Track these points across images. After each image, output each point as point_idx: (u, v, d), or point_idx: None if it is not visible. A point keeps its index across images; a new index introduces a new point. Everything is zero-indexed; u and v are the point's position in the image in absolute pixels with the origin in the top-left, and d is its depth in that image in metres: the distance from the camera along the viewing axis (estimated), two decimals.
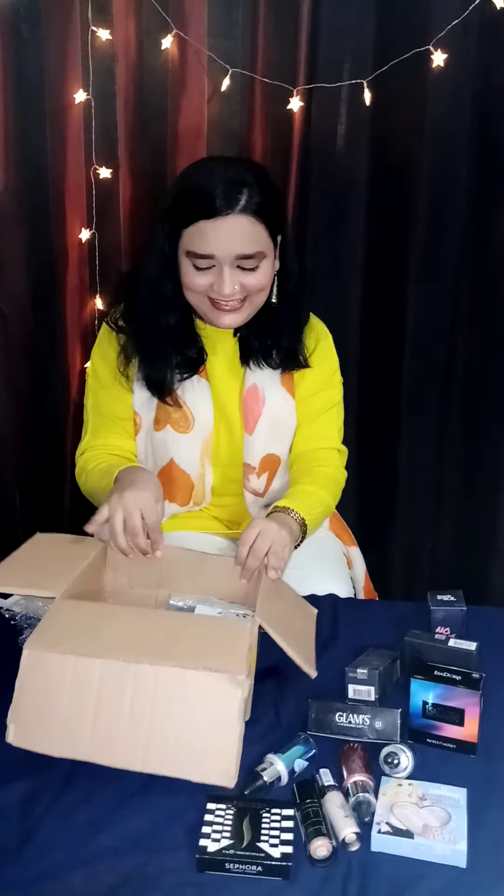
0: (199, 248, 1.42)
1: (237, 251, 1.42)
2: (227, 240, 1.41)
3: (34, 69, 2.02)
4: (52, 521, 2.26)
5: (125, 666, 1.08)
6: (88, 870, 0.97)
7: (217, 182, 1.41)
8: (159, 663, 1.08)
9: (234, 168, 1.47)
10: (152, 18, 1.98)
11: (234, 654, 1.10)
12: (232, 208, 1.40)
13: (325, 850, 0.99)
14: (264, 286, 1.48)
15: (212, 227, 1.40)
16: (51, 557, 1.35)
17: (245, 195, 1.40)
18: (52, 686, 1.08)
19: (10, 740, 1.08)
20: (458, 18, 1.87)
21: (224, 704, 1.06)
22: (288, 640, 1.21)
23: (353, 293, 2.11)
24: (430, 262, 2.06)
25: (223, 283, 1.43)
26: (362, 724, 1.18)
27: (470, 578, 2.17)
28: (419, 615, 1.41)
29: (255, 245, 1.43)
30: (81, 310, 2.20)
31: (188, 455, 1.60)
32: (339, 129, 2.02)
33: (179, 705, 1.06)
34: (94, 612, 1.22)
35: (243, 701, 1.07)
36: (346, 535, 1.78)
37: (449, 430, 2.17)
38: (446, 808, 1.05)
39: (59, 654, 1.09)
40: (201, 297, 1.47)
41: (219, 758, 1.05)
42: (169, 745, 1.06)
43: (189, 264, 1.44)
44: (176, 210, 1.44)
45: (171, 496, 1.63)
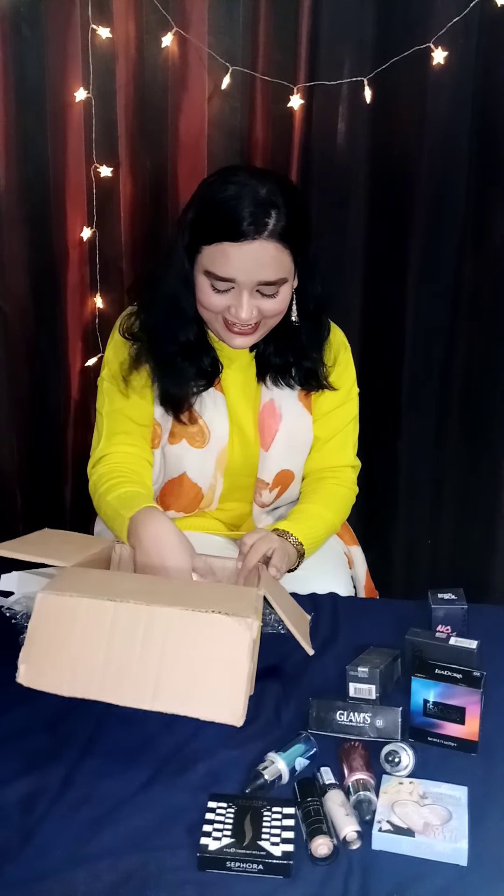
0: (220, 270, 1.37)
1: (260, 278, 1.37)
2: (251, 265, 1.36)
3: (34, 68, 2.01)
4: (53, 521, 2.25)
5: (137, 608, 1.10)
6: (89, 868, 0.97)
7: (245, 202, 1.34)
8: (171, 605, 1.10)
9: (264, 186, 1.38)
10: (152, 16, 1.98)
11: (244, 602, 1.13)
12: (259, 233, 1.34)
13: (326, 849, 0.99)
14: (281, 311, 1.45)
15: (236, 251, 1.35)
16: (60, 543, 1.37)
17: (273, 218, 1.35)
18: (64, 627, 1.10)
19: (20, 680, 1.09)
20: (458, 16, 1.87)
21: (234, 646, 1.08)
22: (289, 618, 1.23)
23: (353, 290, 2.11)
24: (430, 259, 2.06)
25: (241, 308, 1.39)
26: (363, 723, 1.18)
27: (471, 576, 2.17)
28: (420, 613, 1.41)
29: (279, 272, 1.38)
30: (82, 309, 2.19)
31: (202, 469, 1.58)
32: (340, 127, 2.01)
33: (190, 646, 1.08)
34: (106, 575, 1.26)
35: (253, 642, 1.08)
36: (348, 534, 1.78)
37: (449, 428, 2.17)
38: (447, 806, 1.05)
39: (73, 596, 1.11)
40: (216, 316, 1.44)
41: (227, 697, 1.07)
42: (178, 684, 1.07)
43: (207, 283, 1.40)
44: (199, 225, 1.39)
45: (179, 505, 1.63)
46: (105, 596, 1.11)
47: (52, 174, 2.07)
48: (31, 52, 2.00)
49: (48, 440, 2.26)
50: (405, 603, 1.56)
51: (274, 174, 1.49)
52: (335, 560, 1.67)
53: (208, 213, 1.38)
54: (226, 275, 1.37)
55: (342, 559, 1.70)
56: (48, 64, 2.01)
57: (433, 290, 2.08)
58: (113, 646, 1.08)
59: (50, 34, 1.99)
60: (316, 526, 1.52)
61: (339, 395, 1.60)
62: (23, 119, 2.03)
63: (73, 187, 2.10)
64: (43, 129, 2.04)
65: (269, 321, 1.45)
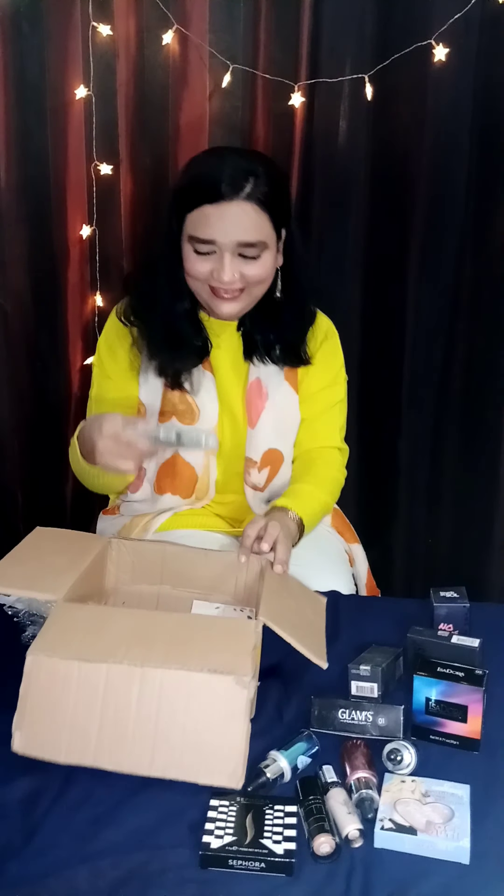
0: (201, 232, 1.41)
1: (239, 238, 1.41)
2: (230, 226, 1.40)
3: (35, 65, 2.01)
4: (54, 519, 2.25)
5: (130, 670, 1.07)
6: (92, 866, 0.97)
7: (225, 168, 1.41)
8: (164, 666, 1.07)
9: (244, 157, 1.47)
10: (153, 14, 1.97)
11: (240, 654, 1.10)
12: (237, 194, 1.39)
13: (329, 847, 0.99)
14: (264, 278, 1.48)
15: (215, 212, 1.40)
16: (52, 554, 1.34)
17: (251, 183, 1.40)
18: (57, 692, 1.08)
19: (15, 749, 1.08)
20: (459, 13, 1.87)
21: (230, 706, 1.06)
22: (295, 635, 1.20)
23: (353, 288, 2.11)
24: (430, 257, 2.06)
25: (223, 269, 1.42)
26: (365, 721, 1.18)
27: (473, 575, 2.17)
28: (422, 612, 1.41)
29: (258, 234, 1.42)
30: (83, 307, 2.20)
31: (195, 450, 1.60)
32: (341, 124, 2.01)
33: (185, 708, 1.06)
34: (97, 615, 1.21)
35: (249, 702, 1.07)
36: (349, 532, 1.78)
37: (450, 426, 2.17)
38: (449, 804, 1.05)
39: (64, 659, 1.09)
40: (202, 284, 1.47)
41: (226, 759, 1.06)
42: (175, 748, 1.06)
43: (191, 249, 1.44)
44: (182, 194, 1.44)
45: (174, 489, 1.64)
46: (97, 656, 1.08)
47: (52, 172, 2.07)
48: (32, 49, 2.00)
49: (49, 438, 2.26)
50: (407, 601, 1.56)
51: (257, 152, 1.56)
52: (336, 558, 1.67)
53: (190, 180, 1.44)
54: (206, 236, 1.41)
55: (343, 557, 1.70)
56: (48, 61, 2.01)
57: (433, 289, 2.08)
58: (107, 710, 1.06)
59: (50, 32, 1.99)
60: (311, 503, 1.53)
61: (326, 377, 1.62)
62: (23, 117, 2.03)
63: (73, 185, 2.10)
64: (43, 127, 2.04)
65: (253, 289, 1.48)
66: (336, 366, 1.65)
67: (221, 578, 1.41)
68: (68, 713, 1.07)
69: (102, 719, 1.06)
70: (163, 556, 1.42)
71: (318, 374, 1.62)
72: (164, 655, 1.09)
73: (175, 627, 1.17)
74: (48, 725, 1.08)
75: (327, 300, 1.97)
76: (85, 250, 2.15)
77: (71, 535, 1.44)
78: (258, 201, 1.41)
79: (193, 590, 1.40)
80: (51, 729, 1.07)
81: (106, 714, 1.06)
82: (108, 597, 1.43)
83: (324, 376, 1.63)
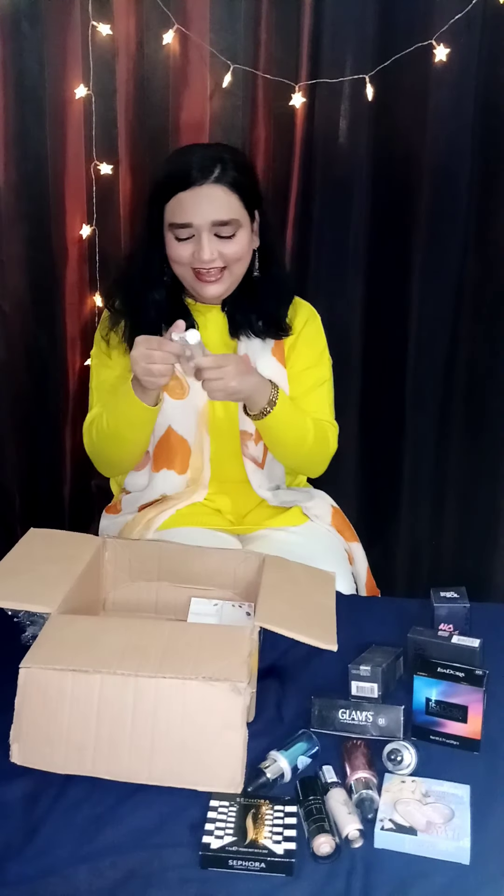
0: (178, 217, 1.52)
1: (212, 217, 1.51)
2: (203, 207, 1.51)
3: (34, 64, 2.00)
4: (52, 520, 2.25)
5: (124, 680, 1.07)
6: (92, 866, 0.97)
7: (194, 158, 1.54)
8: (159, 675, 1.07)
9: (211, 148, 1.64)
10: (153, 13, 1.97)
11: (235, 661, 1.10)
12: (206, 179, 1.51)
13: (329, 847, 0.99)
14: (241, 256, 1.57)
15: (188, 197, 1.51)
16: (46, 560, 1.34)
17: (219, 168, 1.52)
18: (52, 704, 1.08)
19: (14, 760, 1.08)
20: (460, 13, 1.87)
21: (227, 713, 1.06)
22: (298, 627, 1.19)
23: (355, 288, 2.11)
24: (432, 256, 2.06)
25: (202, 249, 1.52)
26: (365, 721, 1.18)
27: (473, 575, 2.17)
28: (422, 612, 1.41)
29: (230, 213, 1.53)
30: (81, 307, 2.19)
31: (185, 420, 1.65)
32: (342, 125, 2.01)
33: (181, 716, 1.06)
34: (91, 626, 1.21)
35: (246, 708, 1.07)
36: (348, 531, 1.78)
37: (452, 425, 2.17)
38: (450, 804, 1.05)
39: (57, 671, 1.09)
40: (186, 268, 1.56)
41: (224, 766, 1.06)
42: (173, 756, 1.06)
43: (171, 237, 1.55)
44: (158, 187, 1.56)
45: (171, 463, 1.68)
46: (91, 666, 1.08)
47: (51, 172, 2.07)
48: (31, 48, 2.00)
49: (47, 439, 2.25)
50: (407, 601, 1.56)
51: (223, 144, 1.76)
52: (336, 557, 1.67)
53: (165, 174, 1.56)
54: (183, 220, 1.52)
55: (343, 556, 1.70)
56: (48, 61, 2.00)
57: (435, 289, 2.08)
58: (103, 720, 1.07)
59: (50, 31, 1.99)
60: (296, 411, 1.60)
61: (311, 356, 1.70)
62: (22, 116, 2.03)
63: (72, 185, 2.09)
64: (43, 126, 2.04)
65: (233, 268, 1.57)
66: (320, 346, 1.73)
67: (219, 573, 1.41)
68: (64, 724, 1.07)
69: (98, 729, 1.07)
70: (159, 554, 1.42)
71: (303, 353, 1.69)
72: (158, 664, 1.09)
73: (169, 636, 1.16)
74: (45, 737, 1.08)
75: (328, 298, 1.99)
76: (84, 250, 2.15)
77: (65, 537, 1.44)
78: (227, 183, 1.52)
79: (191, 585, 1.40)
80: (47, 740, 1.08)
81: (102, 724, 1.07)
82: (105, 597, 1.43)
83: (309, 355, 1.70)
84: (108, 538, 1.44)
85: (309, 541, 1.66)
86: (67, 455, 2.25)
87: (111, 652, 1.11)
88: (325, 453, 1.69)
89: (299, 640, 1.18)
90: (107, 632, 1.19)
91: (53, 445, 2.26)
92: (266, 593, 1.26)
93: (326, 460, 1.71)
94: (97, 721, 1.07)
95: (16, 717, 1.09)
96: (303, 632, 1.18)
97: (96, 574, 1.41)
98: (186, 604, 1.35)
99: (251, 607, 1.31)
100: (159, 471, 1.69)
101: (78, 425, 2.22)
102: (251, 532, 1.70)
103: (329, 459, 1.71)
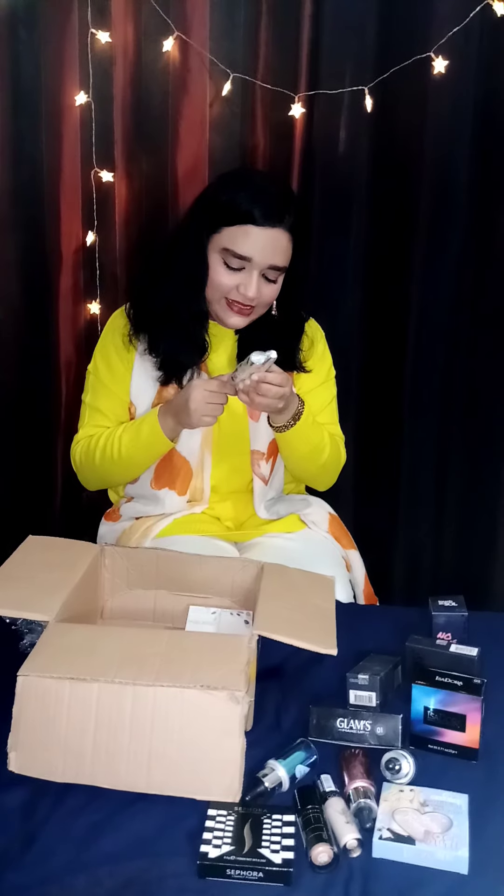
0: (241, 248, 1.52)
1: (272, 261, 1.54)
2: (268, 249, 1.52)
3: (31, 71, 2.00)
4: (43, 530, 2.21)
5: (123, 688, 1.07)
6: (90, 874, 0.97)
7: (271, 197, 1.54)
8: (157, 684, 1.07)
9: (284, 187, 1.69)
10: (152, 21, 1.97)
11: (232, 670, 1.10)
12: (280, 223, 1.52)
13: (327, 857, 0.99)
14: (273, 299, 1.60)
15: (258, 233, 1.51)
16: (43, 568, 1.34)
17: (290, 214, 1.54)
18: (50, 712, 1.08)
19: (11, 768, 1.08)
20: (459, 25, 1.88)
21: (224, 722, 1.06)
22: (296, 633, 1.19)
23: (355, 298, 2.11)
24: (432, 267, 2.06)
25: (250, 286, 1.53)
26: (363, 730, 1.18)
27: (471, 583, 2.16)
28: (420, 620, 1.41)
29: (286, 260, 1.56)
30: (76, 314, 2.17)
31: (188, 442, 1.65)
32: (341, 136, 2.01)
33: (179, 725, 1.06)
34: (88, 634, 1.21)
35: (243, 717, 1.07)
36: (346, 539, 1.78)
37: (451, 433, 2.17)
38: (448, 814, 1.05)
39: (55, 679, 1.09)
40: (220, 295, 1.57)
41: (221, 774, 1.06)
42: (171, 764, 1.06)
43: (220, 261, 1.54)
44: (225, 207, 1.53)
45: (172, 483, 1.68)
46: (88, 674, 1.09)
47: (47, 180, 2.06)
48: (28, 55, 2.00)
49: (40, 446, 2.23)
50: (406, 610, 1.57)
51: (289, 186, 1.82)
52: (333, 565, 1.67)
53: (235, 199, 1.53)
54: (245, 253, 1.52)
55: (340, 563, 1.70)
56: (44, 67, 2.00)
57: (435, 298, 2.08)
58: (100, 729, 1.07)
59: (47, 38, 1.98)
60: (316, 426, 1.63)
61: (318, 376, 1.72)
62: (18, 123, 2.03)
63: (68, 192, 2.08)
64: (40, 134, 2.04)
65: (260, 308, 1.60)
66: (327, 364, 1.75)
67: (217, 581, 1.41)
68: (62, 733, 1.07)
69: (96, 738, 1.07)
70: (157, 562, 1.42)
71: (310, 376, 1.70)
72: (156, 673, 1.09)
73: (167, 645, 1.16)
74: (43, 745, 1.08)
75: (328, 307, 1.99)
76: (79, 258, 2.13)
77: (63, 545, 1.44)
78: (291, 230, 1.55)
79: (189, 594, 1.40)
80: (45, 749, 1.08)
81: (99, 733, 1.07)
82: (103, 605, 1.43)
83: (318, 374, 1.72)
84: (106, 546, 1.44)
85: (306, 547, 1.66)
86: (59, 461, 2.23)
87: (109, 660, 1.11)
88: (337, 466, 1.72)
89: (298, 646, 1.18)
90: (104, 640, 1.19)
91: (45, 453, 2.23)
92: (264, 601, 1.26)
93: (337, 473, 1.74)
94: (95, 729, 1.07)
95: (13, 725, 1.08)
96: (301, 638, 1.18)
97: (94, 582, 1.41)
98: (185, 612, 1.36)
99: (249, 615, 1.31)
100: (161, 489, 1.69)
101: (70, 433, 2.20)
102: (249, 539, 1.70)
103: (339, 472, 1.74)
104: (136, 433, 1.60)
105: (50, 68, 2.01)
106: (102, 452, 1.63)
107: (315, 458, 1.65)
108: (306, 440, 1.61)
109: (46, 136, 2.04)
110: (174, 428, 1.56)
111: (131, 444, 1.60)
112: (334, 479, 1.75)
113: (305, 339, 1.70)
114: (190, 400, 1.48)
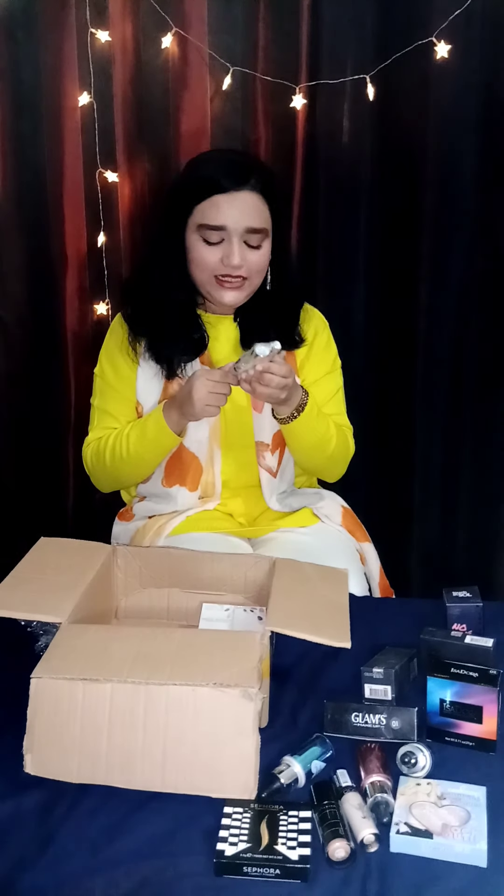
0: (213, 219, 1.53)
1: (247, 223, 1.53)
2: (239, 213, 1.53)
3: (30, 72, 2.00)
4: (54, 531, 2.22)
5: (136, 688, 1.07)
6: (107, 875, 0.97)
7: (231, 163, 1.57)
8: (170, 683, 1.07)
9: (242, 155, 1.72)
10: (150, 18, 1.97)
11: (245, 666, 1.10)
12: (244, 185, 1.53)
13: (344, 852, 0.98)
14: (263, 266, 1.59)
15: (225, 200, 1.52)
16: (56, 569, 1.34)
17: (254, 177, 1.54)
18: (64, 713, 1.08)
19: (28, 770, 1.08)
20: (460, 8, 1.86)
21: (238, 719, 1.06)
22: (310, 628, 1.19)
23: (359, 289, 2.10)
24: (437, 256, 2.05)
25: (233, 253, 1.53)
26: (379, 724, 1.17)
27: (486, 574, 2.16)
28: (435, 612, 1.40)
29: (262, 221, 1.55)
30: (83, 316, 2.17)
31: (196, 436, 1.65)
32: (344, 125, 2.00)
33: (193, 723, 1.06)
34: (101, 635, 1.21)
35: (257, 713, 1.06)
36: (360, 532, 1.77)
37: (463, 425, 2.15)
38: (466, 806, 1.04)
39: (68, 680, 1.09)
40: (207, 273, 1.57)
41: (237, 772, 1.06)
42: (186, 763, 1.06)
43: (199, 239, 1.55)
44: (190, 186, 1.55)
45: (183, 479, 1.68)
46: (101, 675, 1.08)
47: (50, 181, 2.06)
48: (27, 56, 1.99)
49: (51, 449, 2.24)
50: (420, 602, 1.56)
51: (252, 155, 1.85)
52: (348, 558, 1.66)
53: (198, 175, 1.56)
54: (217, 223, 1.53)
55: (355, 556, 1.70)
56: (45, 69, 2.00)
57: (442, 288, 2.07)
58: (114, 728, 1.07)
59: (46, 39, 1.99)
60: (322, 416, 1.62)
61: (324, 365, 1.71)
62: (19, 124, 2.03)
63: (71, 193, 2.08)
64: (41, 135, 2.04)
65: (253, 279, 1.59)
66: (332, 353, 1.74)
67: (230, 577, 1.41)
68: (76, 734, 1.07)
69: (110, 738, 1.07)
70: (169, 560, 1.42)
71: (317, 363, 1.70)
72: (168, 672, 1.09)
73: (179, 643, 1.16)
74: (57, 747, 1.08)
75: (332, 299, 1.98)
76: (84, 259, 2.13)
77: (76, 546, 1.44)
78: (261, 191, 1.55)
79: (202, 591, 1.40)
80: (60, 750, 1.08)
81: (113, 732, 1.07)
82: (117, 605, 1.43)
83: (323, 364, 1.71)
84: (118, 546, 1.44)
85: (320, 541, 1.66)
86: (70, 465, 2.23)
87: (121, 660, 1.11)
88: (345, 457, 1.71)
89: (312, 640, 1.18)
90: (117, 640, 1.19)
91: (54, 455, 2.24)
92: (277, 596, 1.26)
93: (346, 464, 1.73)
94: (109, 730, 1.07)
95: (28, 727, 1.09)
96: (315, 632, 1.18)
97: (107, 582, 1.41)
98: (198, 610, 1.35)
99: (263, 611, 1.31)
100: (172, 486, 1.69)
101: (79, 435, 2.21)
102: (262, 535, 1.70)
103: (348, 463, 1.73)
104: (142, 430, 1.60)
105: (50, 70, 2.01)
106: (112, 452, 1.63)
107: (322, 449, 1.64)
108: (312, 431, 1.60)
109: (49, 138, 2.04)
110: (178, 421, 1.56)
111: (138, 441, 1.60)
112: (343, 469, 1.74)
113: (311, 325, 1.70)
114: (193, 390, 1.48)
